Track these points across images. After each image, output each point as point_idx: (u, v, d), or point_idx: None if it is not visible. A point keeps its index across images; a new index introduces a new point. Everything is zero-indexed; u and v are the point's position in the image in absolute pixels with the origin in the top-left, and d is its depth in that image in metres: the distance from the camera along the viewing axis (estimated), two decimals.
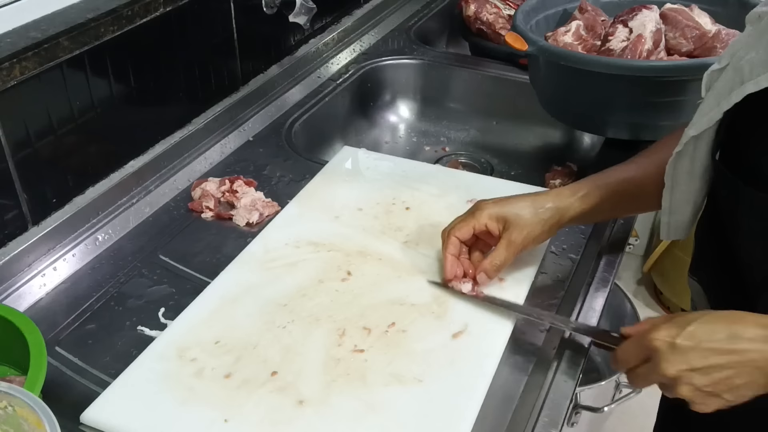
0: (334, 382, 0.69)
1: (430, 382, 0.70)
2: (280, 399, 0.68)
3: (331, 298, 0.80)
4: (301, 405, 0.67)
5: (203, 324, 0.76)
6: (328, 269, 0.84)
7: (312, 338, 0.74)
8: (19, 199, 0.83)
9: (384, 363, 0.71)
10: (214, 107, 1.11)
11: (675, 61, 1.05)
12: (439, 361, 0.72)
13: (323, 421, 0.66)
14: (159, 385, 0.69)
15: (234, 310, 0.78)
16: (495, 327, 0.76)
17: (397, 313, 0.77)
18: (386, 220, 0.92)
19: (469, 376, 0.70)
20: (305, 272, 0.83)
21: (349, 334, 0.75)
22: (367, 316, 0.77)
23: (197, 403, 0.67)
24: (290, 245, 0.87)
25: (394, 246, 0.87)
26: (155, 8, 0.93)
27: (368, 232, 0.90)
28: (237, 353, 0.73)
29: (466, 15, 1.42)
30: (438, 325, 0.76)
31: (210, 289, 0.81)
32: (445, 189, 0.97)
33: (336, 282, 0.82)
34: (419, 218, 0.92)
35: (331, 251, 0.86)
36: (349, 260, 0.85)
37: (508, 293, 0.80)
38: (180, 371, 0.71)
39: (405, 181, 0.99)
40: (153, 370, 0.71)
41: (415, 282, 0.82)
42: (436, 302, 0.79)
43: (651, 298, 2.19)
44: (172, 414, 0.67)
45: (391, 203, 0.95)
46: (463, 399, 0.68)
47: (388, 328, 0.75)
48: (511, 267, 0.82)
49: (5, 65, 0.76)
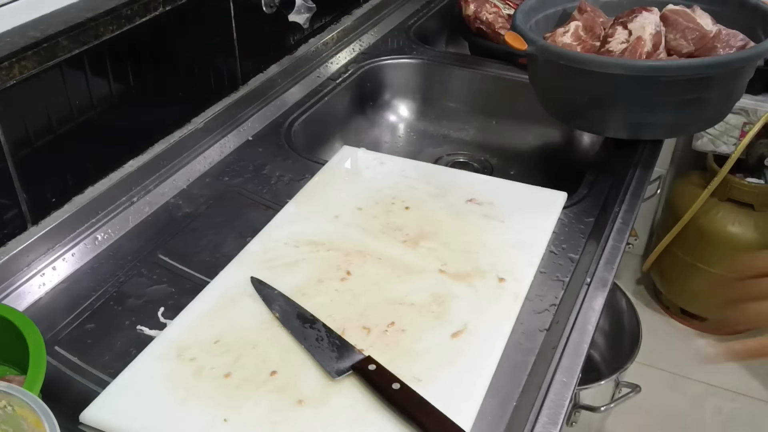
0: (333, 382, 0.69)
1: (429, 381, 0.70)
2: (280, 398, 0.68)
3: (331, 297, 0.80)
4: (301, 404, 0.67)
5: (202, 323, 0.76)
6: (327, 269, 0.84)
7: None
8: (19, 198, 0.83)
9: (383, 362, 0.71)
10: (214, 107, 1.11)
11: (674, 61, 1.05)
12: (438, 360, 0.72)
13: (323, 421, 0.66)
14: (158, 384, 0.69)
15: (233, 310, 0.78)
16: (494, 326, 0.76)
17: (397, 312, 0.78)
18: (386, 219, 0.92)
19: (468, 376, 0.70)
20: (304, 272, 0.83)
21: (348, 334, 0.75)
22: (367, 316, 0.77)
23: (197, 403, 0.67)
24: (290, 244, 0.87)
25: (393, 245, 0.87)
26: (154, 8, 0.93)
27: (368, 231, 0.90)
28: (236, 353, 0.73)
29: (465, 14, 1.42)
30: (437, 325, 0.76)
31: (209, 289, 0.81)
32: (445, 188, 0.97)
33: (335, 281, 0.82)
34: (419, 218, 0.92)
35: (330, 250, 0.86)
36: (349, 260, 0.85)
37: (507, 293, 0.80)
38: (179, 371, 0.71)
39: (404, 181, 0.99)
40: (152, 370, 0.71)
41: (415, 281, 0.82)
42: (435, 302, 0.79)
43: (650, 297, 2.19)
44: (172, 413, 0.67)
45: (391, 203, 0.95)
46: (462, 398, 0.68)
47: (388, 328, 0.75)
48: (510, 264, 0.82)
49: (4, 65, 0.76)
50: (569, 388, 0.71)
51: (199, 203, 0.98)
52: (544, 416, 0.68)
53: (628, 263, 2.25)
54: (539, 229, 0.90)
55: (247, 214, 0.96)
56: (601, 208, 0.96)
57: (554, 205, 0.94)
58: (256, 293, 0.80)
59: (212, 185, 1.02)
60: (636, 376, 1.57)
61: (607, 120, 1.06)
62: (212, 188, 1.01)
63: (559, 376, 0.72)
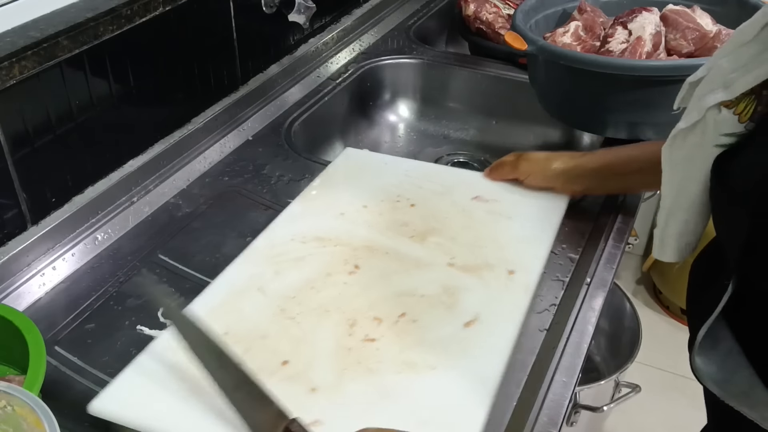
0: (346, 371, 0.69)
1: (443, 369, 0.69)
2: (292, 387, 0.67)
3: (340, 290, 0.80)
4: (314, 392, 0.67)
5: (211, 315, 0.75)
6: (335, 263, 0.84)
7: (322, 329, 0.74)
8: (18, 198, 0.83)
9: (396, 351, 0.71)
10: (214, 106, 1.11)
11: (674, 61, 1.05)
12: (452, 349, 0.72)
13: (337, 408, 0.66)
14: (169, 374, 0.69)
15: (242, 303, 0.78)
16: (506, 316, 0.76)
17: (408, 303, 0.77)
18: (391, 216, 0.92)
19: (483, 363, 0.70)
20: (312, 266, 0.83)
21: (359, 324, 0.74)
22: (377, 307, 0.77)
23: (208, 393, 0.67)
24: (296, 240, 0.87)
25: (400, 241, 0.87)
26: (154, 7, 0.93)
27: (374, 227, 0.90)
28: (246, 344, 0.72)
29: (465, 14, 1.42)
30: (449, 315, 0.76)
31: (216, 283, 0.81)
32: (449, 187, 0.97)
33: (344, 275, 0.82)
34: (425, 214, 0.92)
35: (337, 246, 0.86)
36: (356, 254, 0.85)
37: (518, 284, 0.80)
38: (189, 362, 0.70)
39: (408, 180, 0.99)
40: (162, 361, 0.70)
41: (424, 275, 0.82)
42: (446, 293, 0.79)
43: (650, 297, 2.19)
44: (183, 404, 0.66)
45: (396, 200, 0.95)
46: (478, 385, 0.68)
47: (399, 318, 0.75)
48: (519, 258, 0.82)
49: (4, 64, 0.76)
50: (569, 388, 0.71)
51: (199, 203, 0.98)
52: (544, 416, 0.68)
53: (628, 263, 2.25)
54: (546, 223, 0.90)
55: (247, 214, 0.96)
56: (601, 208, 0.96)
57: (559, 200, 0.94)
58: (264, 286, 0.79)
59: (212, 185, 1.02)
60: (636, 376, 1.57)
61: (606, 120, 1.06)
62: (212, 188, 1.01)
63: (559, 376, 0.72)
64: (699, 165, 0.65)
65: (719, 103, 0.62)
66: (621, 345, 1.64)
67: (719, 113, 0.62)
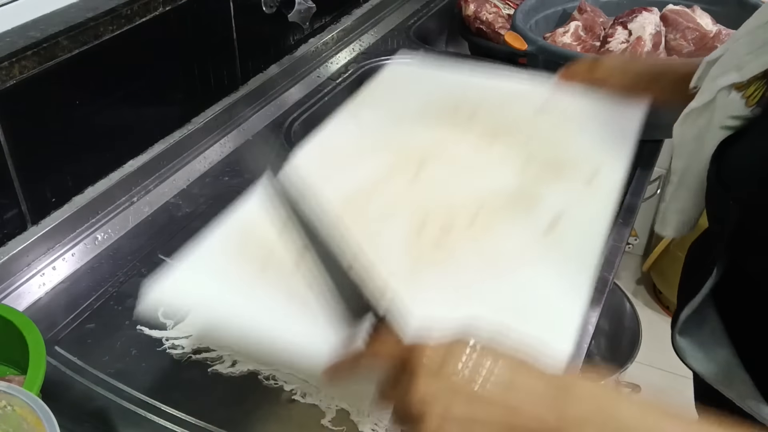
0: (419, 271, 0.64)
1: (526, 277, 0.64)
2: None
3: (406, 192, 0.73)
4: (390, 276, 0.58)
5: (262, 218, 0.65)
6: (397, 165, 0.77)
7: (390, 230, 0.69)
8: (18, 198, 0.83)
9: (472, 253, 0.66)
10: (214, 106, 1.11)
11: None
12: (534, 248, 0.67)
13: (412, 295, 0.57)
14: (226, 265, 0.66)
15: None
16: (590, 219, 0.71)
17: (482, 204, 0.72)
18: (454, 120, 0.86)
19: (568, 269, 0.65)
20: (373, 169, 0.77)
21: (430, 225, 0.69)
22: (448, 209, 0.71)
23: (269, 282, 0.62)
24: (351, 145, 0.81)
25: (468, 143, 0.82)
26: (154, 7, 0.93)
27: (437, 132, 0.84)
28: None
29: (465, 14, 1.42)
30: (527, 216, 0.71)
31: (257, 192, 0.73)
32: (513, 95, 0.91)
33: (409, 176, 0.76)
34: (491, 119, 0.86)
35: (399, 149, 0.80)
36: (422, 155, 0.79)
37: (599, 189, 0.75)
38: (246, 258, 0.66)
39: (466, 90, 0.93)
40: (216, 257, 0.67)
41: (494, 179, 0.76)
42: (523, 195, 0.74)
43: (650, 297, 2.19)
44: (248, 286, 0.63)
45: (457, 107, 0.89)
46: (568, 292, 0.62)
47: (474, 219, 0.70)
48: (598, 162, 0.79)
49: (4, 64, 0.76)
50: None
51: (199, 203, 0.98)
52: None
53: (628, 263, 2.24)
54: (623, 128, 0.84)
55: None
56: None
57: (635, 109, 0.88)
58: (318, 189, 0.61)
59: (212, 185, 1.02)
60: (636, 376, 1.57)
61: None
62: (212, 188, 1.01)
63: None
64: (705, 145, 0.65)
65: (731, 84, 0.62)
66: (621, 345, 1.64)
67: (729, 95, 0.62)
